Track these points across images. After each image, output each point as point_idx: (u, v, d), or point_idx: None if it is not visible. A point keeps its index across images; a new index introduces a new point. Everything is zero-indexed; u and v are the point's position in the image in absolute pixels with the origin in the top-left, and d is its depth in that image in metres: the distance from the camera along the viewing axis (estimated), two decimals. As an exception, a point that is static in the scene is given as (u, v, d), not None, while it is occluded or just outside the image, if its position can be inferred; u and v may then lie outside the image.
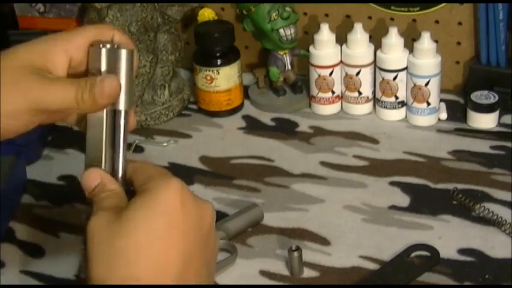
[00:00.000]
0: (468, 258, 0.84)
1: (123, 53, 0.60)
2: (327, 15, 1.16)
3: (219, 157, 1.05)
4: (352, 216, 0.92)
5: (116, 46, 0.61)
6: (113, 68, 0.60)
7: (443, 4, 1.10)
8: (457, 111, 1.10)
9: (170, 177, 0.56)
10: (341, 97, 1.12)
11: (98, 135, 0.60)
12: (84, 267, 0.56)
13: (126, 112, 0.61)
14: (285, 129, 1.10)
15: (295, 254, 0.83)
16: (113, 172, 0.61)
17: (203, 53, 1.13)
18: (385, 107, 1.09)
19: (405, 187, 0.96)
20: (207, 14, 1.15)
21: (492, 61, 1.09)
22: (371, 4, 1.13)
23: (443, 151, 1.02)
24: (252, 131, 1.11)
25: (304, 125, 1.11)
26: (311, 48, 1.10)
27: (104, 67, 0.60)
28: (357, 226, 0.91)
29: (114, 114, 0.61)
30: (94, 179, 0.58)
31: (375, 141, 1.06)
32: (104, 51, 0.60)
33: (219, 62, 1.11)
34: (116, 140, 0.61)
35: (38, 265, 0.89)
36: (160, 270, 0.52)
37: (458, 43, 1.12)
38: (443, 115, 1.08)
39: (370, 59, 1.08)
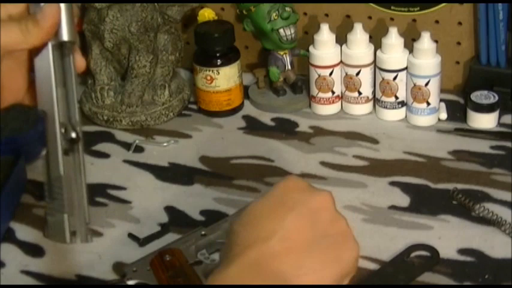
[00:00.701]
0: (468, 258, 0.84)
1: None
2: (327, 15, 1.16)
3: (219, 157, 1.05)
4: (352, 216, 0.92)
5: None
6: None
7: (443, 4, 1.10)
8: (457, 111, 1.10)
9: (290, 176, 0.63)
10: (341, 97, 1.12)
11: (46, 73, 0.62)
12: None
13: (71, 44, 0.63)
14: (285, 129, 1.10)
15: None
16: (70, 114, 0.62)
17: (203, 53, 1.13)
18: (385, 107, 1.09)
19: (405, 187, 0.96)
20: (207, 14, 1.15)
21: (492, 61, 1.09)
22: (371, 4, 1.13)
23: (443, 151, 1.02)
24: (252, 131, 1.11)
25: (304, 125, 1.11)
26: (311, 48, 1.10)
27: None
28: (357, 226, 0.90)
29: (61, 50, 0.63)
30: None
31: (374, 141, 1.06)
32: None
33: (219, 62, 1.11)
34: (67, 75, 0.62)
35: (38, 265, 0.89)
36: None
37: (458, 43, 1.12)
38: (443, 115, 1.08)
39: (370, 59, 1.08)
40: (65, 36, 0.62)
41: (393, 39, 1.05)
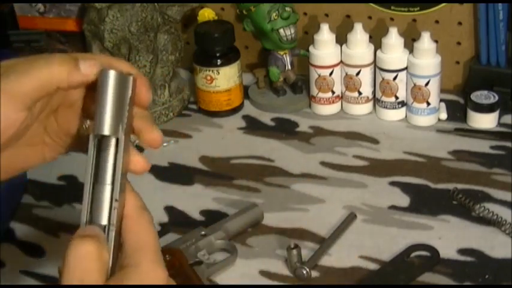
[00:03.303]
0: (468, 258, 0.84)
1: (111, 74, 0.53)
2: (327, 15, 1.16)
3: (219, 157, 1.05)
4: (352, 216, 0.92)
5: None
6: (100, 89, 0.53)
7: (443, 4, 1.10)
8: (457, 111, 1.10)
9: (156, 267, 0.53)
10: (341, 97, 1.12)
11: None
12: None
13: (113, 139, 0.55)
14: (285, 129, 1.10)
15: (294, 251, 0.83)
16: (94, 217, 0.54)
17: (203, 53, 1.13)
18: (385, 107, 1.09)
19: (405, 187, 0.96)
20: (207, 14, 1.15)
21: (492, 61, 1.09)
22: (371, 4, 1.13)
23: (443, 151, 1.02)
24: (252, 131, 1.11)
25: (304, 125, 1.11)
26: (311, 48, 1.10)
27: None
28: (357, 226, 0.91)
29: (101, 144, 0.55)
30: None
31: (375, 141, 1.06)
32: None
33: (219, 62, 1.11)
34: (100, 173, 0.55)
35: (38, 265, 0.89)
36: None
37: (458, 43, 1.12)
38: (443, 115, 1.08)
39: (370, 59, 1.08)
40: (106, 130, 0.54)
41: (393, 39, 1.05)
